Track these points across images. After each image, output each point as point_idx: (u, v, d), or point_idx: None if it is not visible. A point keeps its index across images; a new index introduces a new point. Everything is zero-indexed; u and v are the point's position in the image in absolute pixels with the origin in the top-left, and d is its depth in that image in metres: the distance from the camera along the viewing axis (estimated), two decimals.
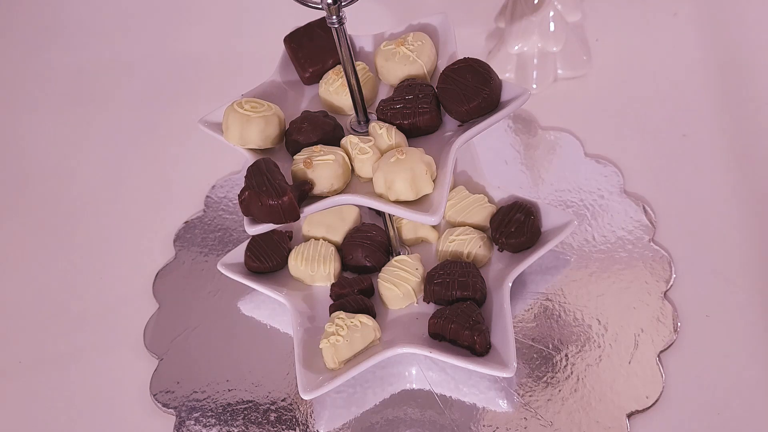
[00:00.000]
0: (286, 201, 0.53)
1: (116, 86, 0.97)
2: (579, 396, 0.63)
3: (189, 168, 0.86)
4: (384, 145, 0.58)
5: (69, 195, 0.86)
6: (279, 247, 0.70)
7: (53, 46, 1.04)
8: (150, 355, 0.71)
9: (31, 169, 0.90)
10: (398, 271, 0.66)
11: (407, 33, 0.64)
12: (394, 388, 0.65)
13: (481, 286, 0.64)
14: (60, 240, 0.82)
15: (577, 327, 0.67)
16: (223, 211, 0.81)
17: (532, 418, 0.62)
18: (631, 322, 0.66)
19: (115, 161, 0.88)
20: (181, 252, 0.78)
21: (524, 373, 0.64)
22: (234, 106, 0.59)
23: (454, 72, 0.59)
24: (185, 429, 0.65)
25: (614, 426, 0.61)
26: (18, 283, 0.79)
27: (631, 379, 0.63)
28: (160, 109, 0.93)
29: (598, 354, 0.65)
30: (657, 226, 0.73)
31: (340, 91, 0.62)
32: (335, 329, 0.61)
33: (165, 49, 1.00)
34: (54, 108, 0.96)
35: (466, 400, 0.64)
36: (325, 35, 0.64)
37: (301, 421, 0.65)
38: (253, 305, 0.73)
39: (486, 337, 0.60)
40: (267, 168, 0.55)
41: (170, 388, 0.68)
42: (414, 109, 0.58)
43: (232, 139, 0.59)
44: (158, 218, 0.81)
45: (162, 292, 0.75)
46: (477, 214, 0.70)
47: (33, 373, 0.72)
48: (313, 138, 0.59)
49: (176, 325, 0.72)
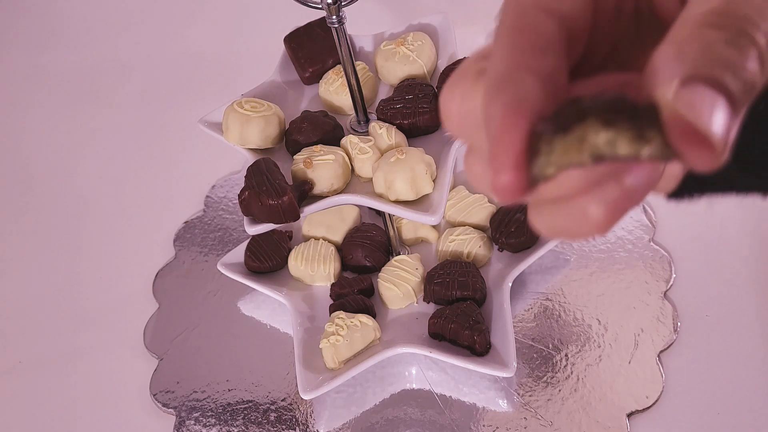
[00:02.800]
0: (286, 201, 0.53)
1: (116, 86, 0.97)
2: (579, 396, 0.63)
3: (189, 168, 0.86)
4: (384, 145, 0.58)
5: (69, 195, 0.86)
6: (279, 246, 0.70)
7: (53, 46, 1.04)
8: (150, 355, 0.71)
9: (31, 169, 0.90)
10: (398, 271, 0.66)
11: (407, 33, 0.64)
12: (394, 388, 0.65)
13: (481, 286, 0.64)
14: (60, 240, 0.82)
15: (577, 327, 0.67)
16: (223, 211, 0.81)
17: (532, 418, 0.62)
18: (631, 322, 0.66)
19: (115, 161, 0.88)
20: (181, 252, 0.78)
21: (524, 373, 0.64)
22: (234, 106, 0.59)
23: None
24: (185, 429, 0.65)
25: (614, 426, 0.61)
26: (18, 283, 0.79)
27: (631, 379, 0.63)
28: (160, 109, 0.93)
29: (598, 354, 0.65)
30: (657, 226, 0.73)
31: (340, 91, 0.62)
32: (335, 329, 0.61)
33: (165, 49, 1.00)
34: (54, 108, 0.96)
35: (466, 400, 0.64)
36: (325, 35, 0.64)
37: (301, 421, 0.65)
38: (253, 305, 0.73)
39: (486, 336, 0.60)
40: (267, 168, 0.55)
41: (170, 388, 0.68)
42: (414, 109, 0.58)
43: (232, 139, 0.59)
44: (158, 218, 0.81)
45: (162, 292, 0.75)
46: (477, 214, 0.70)
47: (33, 372, 0.72)
48: (313, 138, 0.59)
49: (176, 325, 0.72)
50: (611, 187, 0.22)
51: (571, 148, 0.20)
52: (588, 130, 0.20)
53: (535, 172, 0.21)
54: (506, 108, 0.21)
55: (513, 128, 0.21)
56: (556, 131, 0.20)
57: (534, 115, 0.21)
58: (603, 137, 0.20)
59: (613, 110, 0.20)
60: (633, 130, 0.20)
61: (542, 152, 0.21)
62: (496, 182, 0.21)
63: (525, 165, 0.21)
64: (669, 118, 0.20)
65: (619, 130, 0.20)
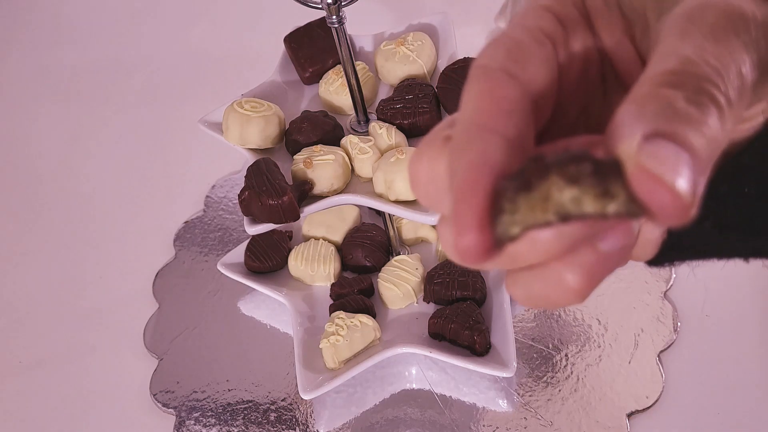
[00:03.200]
0: (286, 201, 0.53)
1: (117, 86, 0.97)
2: (579, 396, 0.63)
3: (189, 168, 0.86)
4: (384, 145, 0.58)
5: (69, 195, 0.86)
6: (279, 246, 0.70)
7: (53, 46, 1.04)
8: (150, 355, 0.71)
9: (31, 169, 0.90)
10: (398, 271, 0.66)
11: (407, 33, 0.64)
12: (394, 388, 0.65)
13: (481, 286, 0.64)
14: (60, 240, 0.82)
15: (577, 327, 0.67)
16: (223, 211, 0.81)
17: (532, 418, 0.62)
18: (631, 322, 0.66)
19: (115, 161, 0.88)
20: (181, 252, 0.78)
21: (524, 373, 0.64)
22: (234, 105, 0.59)
23: (454, 72, 0.59)
24: (185, 429, 0.65)
25: (614, 426, 0.61)
26: (18, 282, 0.79)
27: (631, 379, 0.63)
28: (160, 109, 0.93)
29: (598, 354, 0.65)
30: None
31: (340, 91, 0.62)
32: (335, 329, 0.61)
33: (165, 49, 1.00)
34: (54, 108, 0.96)
35: (466, 400, 0.64)
36: (325, 35, 0.64)
37: (301, 421, 0.65)
38: (253, 305, 0.73)
39: (486, 336, 0.60)
40: (267, 168, 0.55)
41: (170, 388, 0.68)
42: (414, 109, 0.58)
43: (232, 139, 0.59)
44: (158, 218, 0.81)
45: (162, 292, 0.75)
46: None
47: (33, 372, 0.72)
48: (313, 138, 0.59)
49: (176, 325, 0.72)
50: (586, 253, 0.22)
51: (536, 207, 0.20)
52: (552, 188, 0.20)
53: (500, 232, 0.20)
54: (470, 165, 0.21)
55: (476, 185, 0.21)
56: (519, 189, 0.20)
57: (498, 174, 0.21)
58: (567, 194, 0.19)
59: (575, 166, 0.19)
60: (597, 186, 0.19)
61: (506, 211, 0.20)
62: (459, 244, 0.21)
63: (489, 225, 0.20)
64: (633, 171, 0.20)
65: (583, 187, 0.19)
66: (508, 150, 0.21)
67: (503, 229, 0.20)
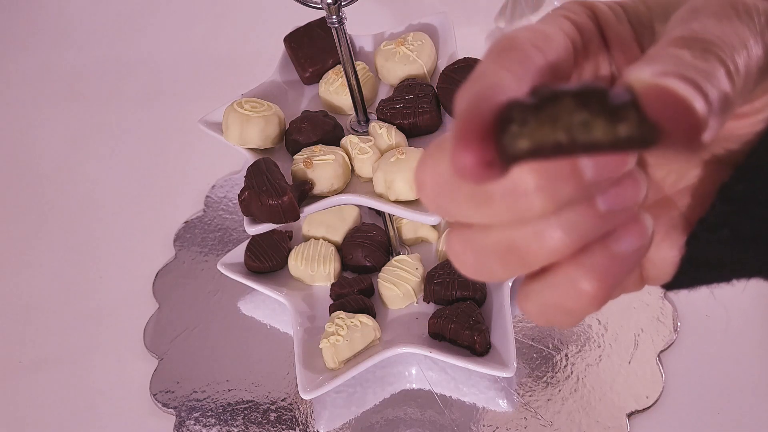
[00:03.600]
0: (286, 201, 0.53)
1: (117, 86, 0.97)
2: (579, 396, 0.63)
3: (189, 168, 0.86)
4: (384, 145, 0.58)
5: (69, 194, 0.86)
6: (279, 246, 0.70)
7: (53, 46, 1.04)
8: (150, 355, 0.71)
9: (31, 169, 0.90)
10: (398, 271, 0.66)
11: (407, 33, 0.64)
12: (394, 388, 0.65)
13: (481, 286, 0.64)
14: (60, 240, 0.82)
15: (577, 327, 0.67)
16: (223, 210, 0.81)
17: (532, 418, 0.62)
18: (631, 322, 0.66)
19: (115, 161, 0.88)
20: (181, 252, 0.78)
21: (524, 373, 0.64)
22: (234, 105, 0.59)
23: (454, 72, 0.59)
24: (185, 429, 0.65)
25: (614, 426, 0.61)
26: (18, 282, 0.79)
27: (631, 379, 0.63)
28: (160, 109, 0.93)
29: (598, 354, 0.65)
30: None
31: (340, 91, 0.62)
32: (335, 329, 0.61)
33: (165, 49, 1.00)
34: (54, 108, 0.96)
35: (466, 400, 0.64)
36: (325, 35, 0.64)
37: (301, 421, 0.65)
38: (253, 305, 0.73)
39: (486, 336, 0.60)
40: (267, 168, 0.55)
41: (170, 388, 0.68)
42: (414, 109, 0.58)
43: (232, 139, 0.59)
44: (158, 218, 0.81)
45: (162, 292, 0.75)
46: None
47: (33, 372, 0.72)
48: (313, 138, 0.59)
49: (176, 325, 0.72)
50: (600, 255, 0.21)
51: (545, 125, 0.19)
52: (562, 110, 0.19)
53: (506, 143, 0.19)
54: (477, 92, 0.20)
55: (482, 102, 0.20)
56: (530, 109, 0.19)
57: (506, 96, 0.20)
58: (578, 117, 0.19)
59: (588, 93, 0.19)
60: (608, 111, 0.19)
61: (515, 122, 0.19)
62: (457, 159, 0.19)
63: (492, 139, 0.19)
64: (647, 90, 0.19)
65: (594, 111, 0.19)
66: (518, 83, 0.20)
67: (510, 140, 0.19)
